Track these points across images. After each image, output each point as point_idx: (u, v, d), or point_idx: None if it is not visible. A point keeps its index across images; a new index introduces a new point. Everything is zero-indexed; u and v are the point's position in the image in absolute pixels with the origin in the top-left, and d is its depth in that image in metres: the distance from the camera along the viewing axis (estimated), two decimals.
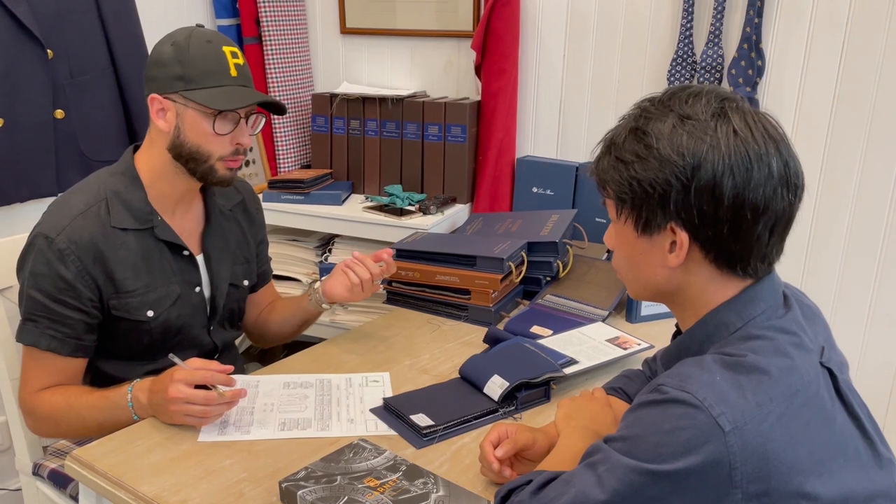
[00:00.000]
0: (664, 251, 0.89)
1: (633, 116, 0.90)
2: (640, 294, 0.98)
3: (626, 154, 0.88)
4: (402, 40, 2.44)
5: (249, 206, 1.59)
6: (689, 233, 0.86)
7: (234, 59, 1.33)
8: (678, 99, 0.87)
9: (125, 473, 1.11)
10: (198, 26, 1.35)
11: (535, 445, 1.10)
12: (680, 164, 0.83)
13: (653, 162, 0.85)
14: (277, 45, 2.41)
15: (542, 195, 2.25)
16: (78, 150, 2.01)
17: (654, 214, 0.87)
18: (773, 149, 0.84)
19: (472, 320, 1.71)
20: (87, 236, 1.30)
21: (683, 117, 0.85)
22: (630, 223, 0.90)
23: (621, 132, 0.90)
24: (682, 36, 1.98)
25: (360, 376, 1.44)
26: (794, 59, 1.92)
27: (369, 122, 2.33)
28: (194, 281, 1.45)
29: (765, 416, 0.80)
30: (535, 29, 2.23)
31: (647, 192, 0.86)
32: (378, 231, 2.14)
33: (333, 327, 2.18)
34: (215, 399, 1.21)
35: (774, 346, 0.85)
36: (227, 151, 1.35)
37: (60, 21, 1.90)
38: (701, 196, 0.83)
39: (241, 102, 1.32)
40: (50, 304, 1.29)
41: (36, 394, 1.34)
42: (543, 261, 1.82)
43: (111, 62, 2.04)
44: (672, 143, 0.84)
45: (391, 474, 1.05)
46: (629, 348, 1.51)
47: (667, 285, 0.92)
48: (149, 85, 1.33)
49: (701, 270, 0.89)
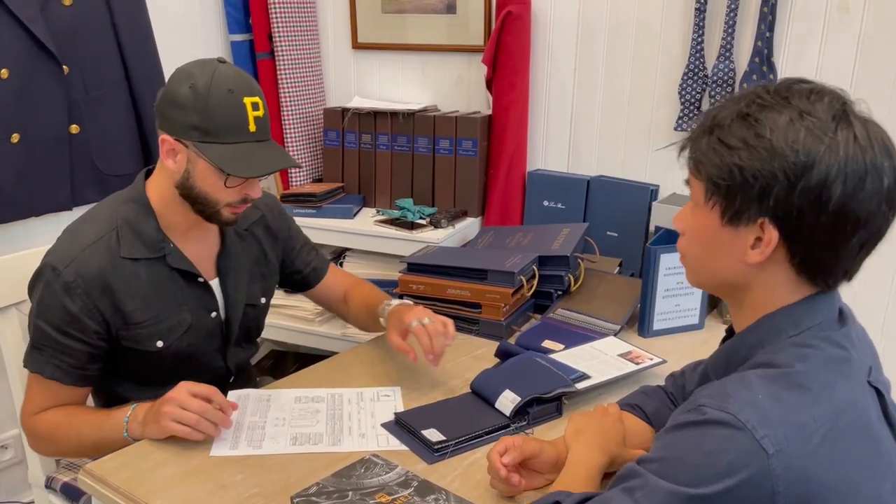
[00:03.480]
0: (746, 246, 0.85)
1: (745, 101, 0.84)
2: (702, 283, 0.94)
3: (731, 139, 0.83)
4: (413, 55, 2.45)
5: (271, 222, 1.56)
6: (781, 232, 0.82)
7: (254, 112, 1.27)
8: (797, 92, 0.83)
9: (138, 488, 1.11)
10: (219, 61, 1.29)
11: (541, 455, 1.10)
12: (791, 160, 0.79)
13: (762, 152, 0.80)
14: (290, 60, 2.43)
15: (553, 209, 2.25)
16: (92, 164, 2.03)
17: (748, 206, 0.83)
18: (888, 163, 0.81)
19: (484, 334, 1.71)
20: (96, 269, 1.29)
21: (803, 112, 0.81)
22: (717, 210, 0.86)
23: (728, 115, 0.84)
24: (694, 50, 1.98)
25: (371, 391, 1.44)
26: (807, 72, 1.91)
27: (381, 137, 2.34)
28: (210, 307, 1.44)
29: (809, 437, 0.77)
30: (545, 43, 2.23)
31: (746, 182, 0.81)
32: (389, 245, 2.15)
33: (345, 340, 2.18)
34: (209, 411, 1.21)
35: (823, 359, 0.83)
36: (236, 200, 1.33)
37: (76, 37, 1.93)
38: (806, 197, 0.79)
39: (255, 171, 1.28)
40: (55, 335, 1.29)
41: (37, 415, 1.35)
42: (555, 275, 1.82)
43: (125, 78, 2.06)
44: (787, 136, 0.80)
45: (403, 490, 1.05)
46: (641, 363, 1.50)
47: (737, 280, 0.88)
48: (162, 122, 1.29)
49: (778, 272, 0.85)
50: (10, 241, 1.92)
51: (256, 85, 1.31)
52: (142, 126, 2.12)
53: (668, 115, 2.10)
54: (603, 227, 2.15)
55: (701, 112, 2.02)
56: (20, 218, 1.92)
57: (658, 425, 1.17)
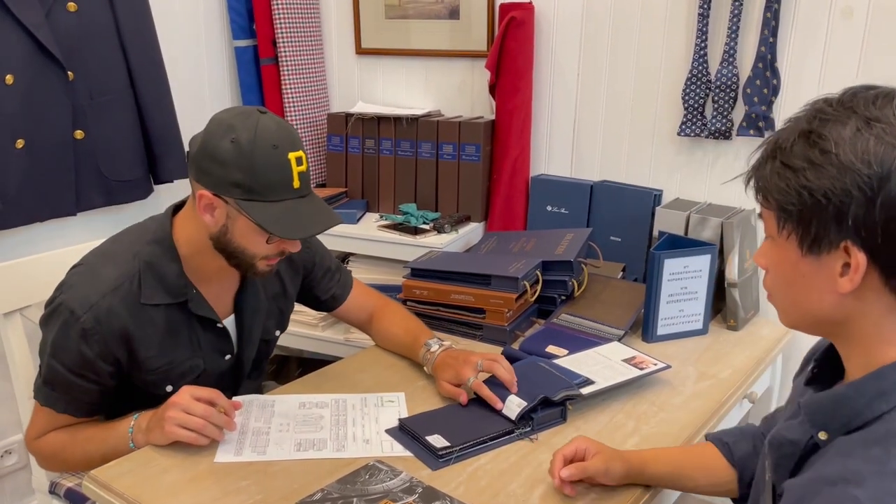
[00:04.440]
0: (834, 274, 0.77)
1: (806, 118, 0.79)
2: (796, 323, 0.85)
3: (795, 160, 0.77)
4: (416, 60, 2.46)
5: (295, 255, 1.46)
6: (868, 253, 0.75)
7: (298, 168, 1.23)
8: (862, 99, 0.77)
9: (142, 494, 1.11)
10: (259, 112, 1.24)
11: (607, 474, 1.10)
12: (864, 173, 0.72)
13: (830, 169, 0.74)
14: (294, 65, 2.44)
15: (556, 213, 2.25)
16: (97, 170, 2.03)
17: (826, 230, 0.76)
18: None
19: (487, 339, 1.71)
20: (115, 317, 1.25)
21: (870, 120, 0.75)
22: (794, 239, 0.79)
23: (789, 135, 0.79)
24: (697, 55, 1.98)
25: (375, 396, 1.44)
26: (810, 77, 1.91)
27: (384, 142, 2.34)
28: (225, 350, 1.41)
29: None
30: (549, 48, 2.24)
31: (819, 204, 0.75)
32: (393, 250, 2.15)
33: (348, 345, 2.18)
34: (213, 415, 1.21)
35: None
36: (273, 253, 1.30)
37: (81, 43, 1.94)
38: (888, 211, 0.72)
39: (301, 233, 1.23)
40: (68, 376, 1.27)
41: (40, 438, 1.35)
42: (558, 280, 1.82)
43: (130, 84, 2.06)
44: (855, 148, 0.73)
45: (407, 496, 1.05)
46: (646, 368, 1.50)
47: (833, 314, 0.80)
48: (199, 176, 1.23)
49: (879, 300, 0.77)
50: (14, 246, 1.92)
51: (298, 136, 1.27)
52: (146, 132, 2.12)
53: (672, 120, 2.10)
54: (606, 231, 2.15)
55: (704, 117, 2.02)
56: (25, 223, 1.92)
57: (742, 470, 1.13)
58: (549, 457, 1.23)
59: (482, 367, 1.41)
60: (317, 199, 1.30)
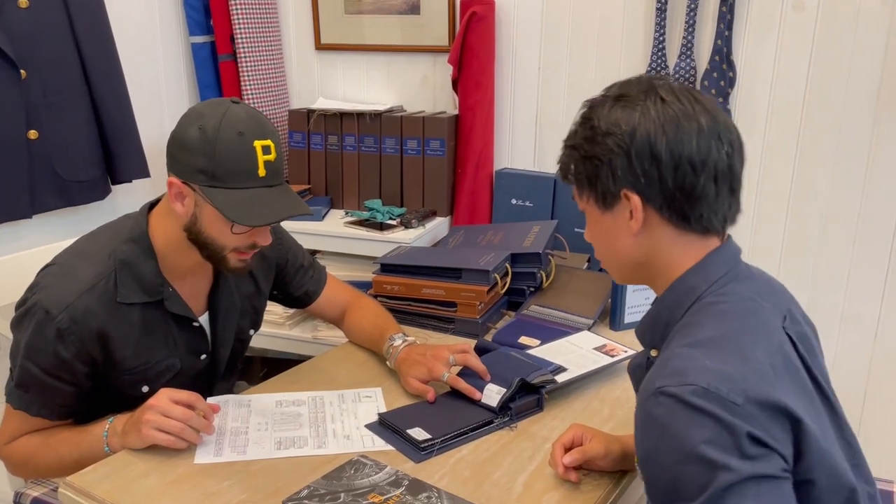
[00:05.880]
0: (626, 220, 0.95)
1: (582, 112, 1.00)
2: (622, 274, 1.03)
3: (577, 141, 0.98)
4: (377, 56, 2.45)
5: (267, 251, 1.47)
6: (641, 194, 0.93)
7: (265, 156, 1.22)
8: (615, 86, 0.98)
9: (122, 499, 1.09)
10: (233, 102, 1.24)
11: (607, 457, 1.14)
12: (618, 133, 0.93)
13: (598, 138, 0.94)
14: (253, 62, 2.41)
15: (521, 207, 2.27)
16: (53, 171, 1.97)
17: (607, 185, 0.95)
18: (700, 108, 0.93)
19: (460, 332, 1.72)
20: (92, 316, 1.24)
21: (618, 97, 0.96)
22: (592, 201, 0.98)
23: (574, 127, 1.00)
24: (655, 49, 2.02)
25: (352, 392, 1.44)
26: (765, 69, 1.97)
27: (347, 138, 2.33)
28: (200, 349, 1.40)
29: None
30: (509, 43, 2.26)
31: (597, 166, 0.95)
32: (360, 246, 2.14)
33: (317, 343, 2.17)
34: (192, 418, 1.20)
35: (742, 311, 0.92)
36: (244, 245, 1.28)
37: (33, 40, 1.88)
38: (641, 157, 0.92)
39: (261, 220, 1.22)
40: (44, 378, 1.24)
41: (11, 443, 1.31)
42: (527, 272, 1.84)
43: (86, 81, 2.01)
44: (610, 118, 0.94)
45: (394, 489, 1.05)
46: (617, 356, 1.53)
47: (637, 255, 0.98)
48: (170, 164, 1.24)
49: (663, 234, 0.95)
50: None
51: (271, 126, 1.25)
52: (103, 131, 2.07)
53: None
54: (570, 223, 2.17)
55: None
56: None
57: None
58: (529, 445, 1.25)
59: (455, 361, 1.41)
60: (287, 189, 1.29)
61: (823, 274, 2.04)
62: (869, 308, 2.01)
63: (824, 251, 2.03)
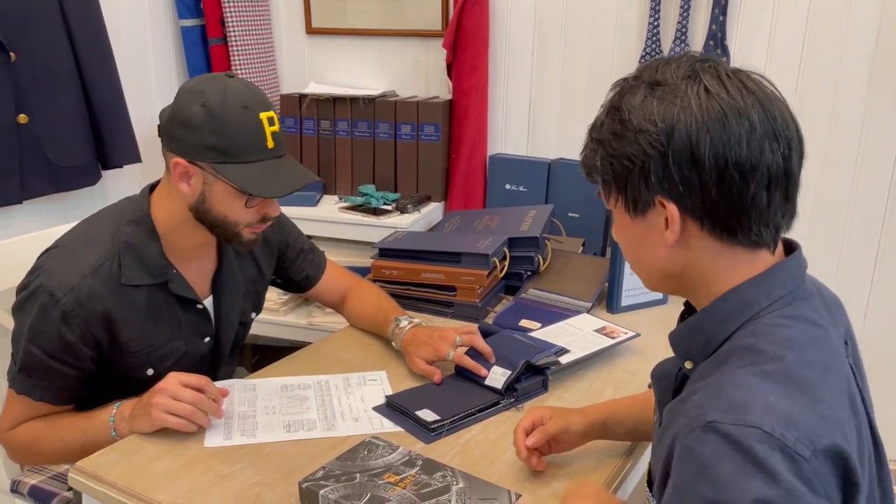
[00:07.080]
0: (660, 229, 0.82)
1: (611, 97, 0.85)
2: (653, 283, 0.91)
3: (603, 135, 0.84)
4: (369, 40, 2.44)
5: (269, 235, 1.49)
6: (678, 203, 0.80)
7: (270, 128, 1.22)
8: (649, 69, 0.83)
9: (136, 482, 1.09)
10: (227, 76, 1.23)
11: (569, 430, 1.11)
12: (653, 132, 0.79)
13: (628, 135, 0.80)
14: (243, 45, 2.38)
15: (515, 191, 2.28)
16: (43, 156, 1.95)
17: (640, 191, 0.82)
18: (752, 101, 0.78)
19: (459, 316, 1.73)
20: (97, 299, 1.22)
21: (653, 84, 0.81)
22: (621, 206, 0.85)
23: (600, 116, 0.86)
24: (650, 34, 2.04)
25: (357, 375, 1.44)
26: (758, 53, 1.99)
27: (340, 123, 2.32)
28: (204, 332, 1.39)
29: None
30: (503, 27, 2.26)
31: (627, 168, 0.81)
32: (356, 231, 2.14)
33: (312, 329, 2.17)
34: (202, 401, 1.20)
35: (809, 340, 0.78)
36: (255, 220, 1.28)
37: (23, 23, 1.85)
38: (680, 161, 0.78)
39: (278, 191, 1.22)
40: (48, 362, 1.23)
41: (13, 429, 1.30)
42: (525, 255, 1.85)
43: (76, 65, 1.98)
44: (643, 112, 0.80)
45: (409, 469, 1.06)
46: (617, 337, 1.55)
47: (672, 266, 0.85)
48: (171, 144, 1.22)
49: (704, 246, 0.82)
50: None
51: (267, 98, 1.26)
52: (94, 115, 2.04)
53: None
54: (565, 208, 2.19)
55: None
56: None
57: None
58: None
59: (461, 341, 1.42)
60: (291, 160, 1.30)
61: (813, 260, 2.08)
62: (858, 294, 2.05)
63: (815, 236, 2.07)
